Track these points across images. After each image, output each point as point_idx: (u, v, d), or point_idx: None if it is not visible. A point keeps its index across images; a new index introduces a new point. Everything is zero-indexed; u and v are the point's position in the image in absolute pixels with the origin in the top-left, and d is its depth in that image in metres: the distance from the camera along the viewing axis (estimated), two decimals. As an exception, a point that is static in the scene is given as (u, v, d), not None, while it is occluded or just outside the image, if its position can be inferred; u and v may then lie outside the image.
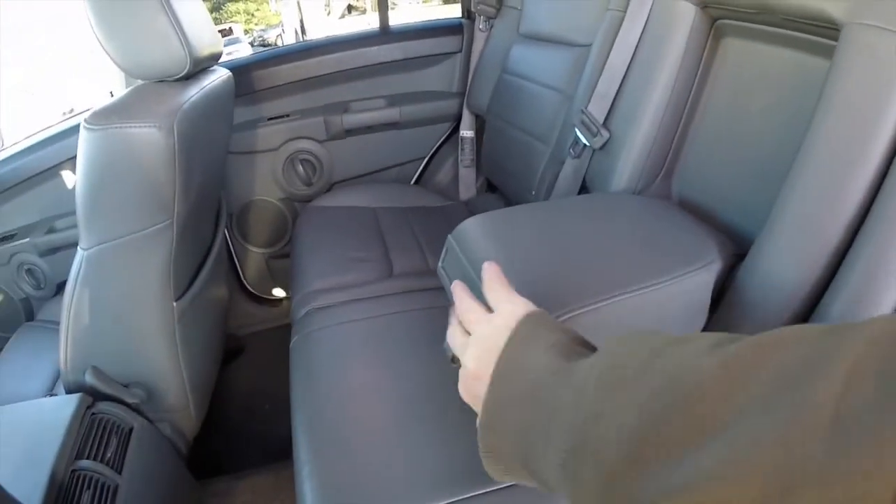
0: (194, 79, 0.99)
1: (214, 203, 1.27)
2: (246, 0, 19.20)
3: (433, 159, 1.75)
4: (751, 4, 0.73)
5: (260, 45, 13.75)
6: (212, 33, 1.03)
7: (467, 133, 1.64)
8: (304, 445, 0.80)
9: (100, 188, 0.86)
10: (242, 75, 1.45)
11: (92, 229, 0.89)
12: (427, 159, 1.74)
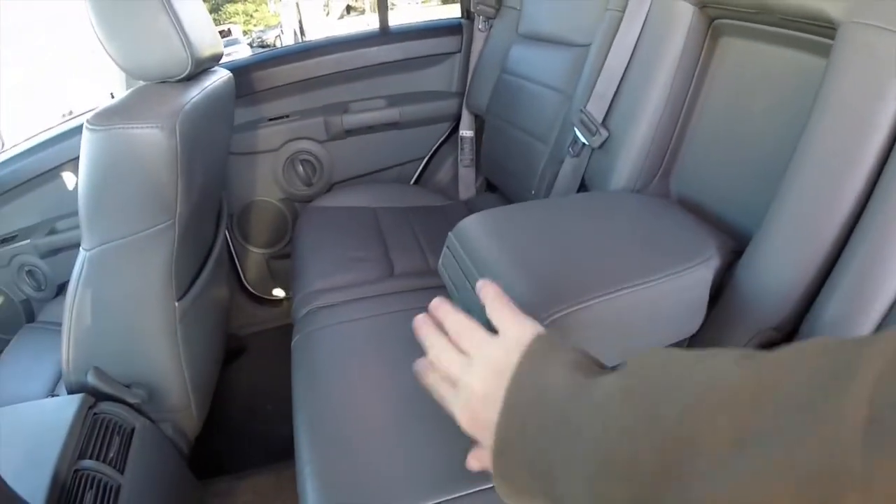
0: (195, 80, 1.00)
1: (216, 203, 1.27)
2: (245, 1, 19.22)
3: (433, 159, 1.75)
4: (749, 4, 0.73)
5: (259, 46, 13.76)
6: (213, 34, 1.03)
7: (467, 133, 1.65)
8: (306, 444, 0.80)
9: (102, 189, 0.86)
10: (243, 76, 1.45)
11: (94, 230, 0.89)
12: (427, 159, 1.75)
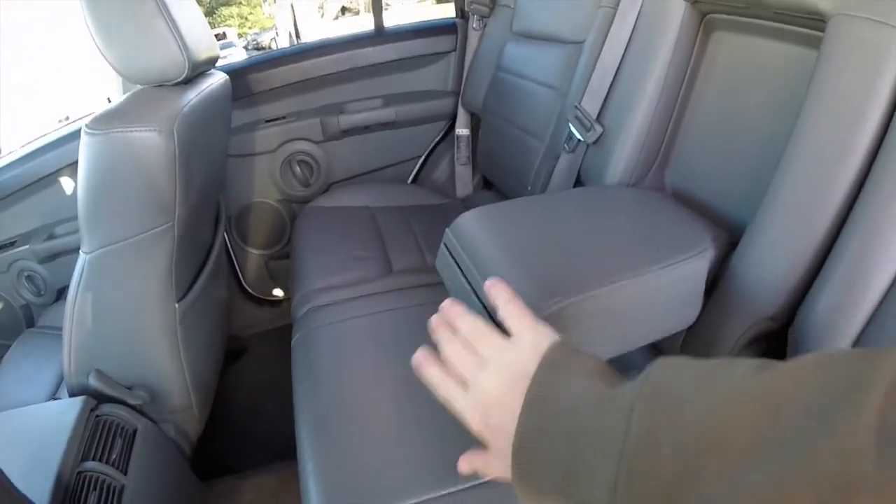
0: (192, 83, 1.00)
1: (214, 205, 1.27)
2: (239, 4, 19.19)
3: (429, 158, 1.76)
4: (740, -2, 0.74)
5: (254, 48, 13.75)
6: (209, 37, 1.03)
7: (463, 131, 1.65)
8: (308, 442, 0.80)
9: (101, 192, 0.87)
10: (239, 78, 1.46)
11: (94, 233, 0.89)
12: (423, 158, 1.75)
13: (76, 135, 0.85)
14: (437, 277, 0.71)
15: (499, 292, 0.44)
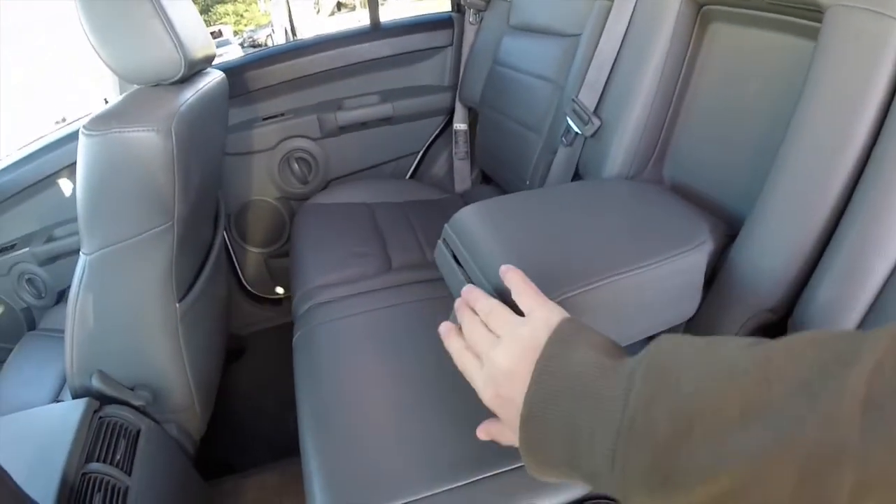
0: (189, 82, 1.00)
1: (213, 204, 1.27)
2: (234, 2, 19.09)
3: (428, 153, 1.76)
4: (736, -11, 0.74)
5: (250, 45, 13.68)
6: (205, 36, 1.03)
7: (461, 126, 1.65)
8: (311, 440, 0.80)
9: (100, 193, 0.87)
10: (236, 76, 1.45)
11: (94, 234, 0.89)
12: (422, 153, 1.75)
13: (74, 136, 0.85)
14: (437, 273, 0.71)
15: (512, 276, 0.48)
